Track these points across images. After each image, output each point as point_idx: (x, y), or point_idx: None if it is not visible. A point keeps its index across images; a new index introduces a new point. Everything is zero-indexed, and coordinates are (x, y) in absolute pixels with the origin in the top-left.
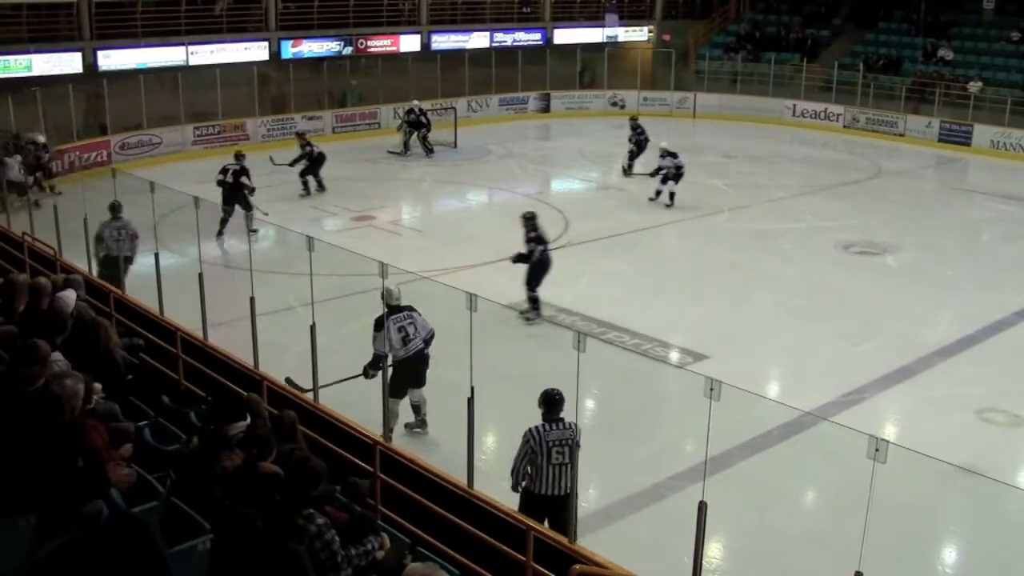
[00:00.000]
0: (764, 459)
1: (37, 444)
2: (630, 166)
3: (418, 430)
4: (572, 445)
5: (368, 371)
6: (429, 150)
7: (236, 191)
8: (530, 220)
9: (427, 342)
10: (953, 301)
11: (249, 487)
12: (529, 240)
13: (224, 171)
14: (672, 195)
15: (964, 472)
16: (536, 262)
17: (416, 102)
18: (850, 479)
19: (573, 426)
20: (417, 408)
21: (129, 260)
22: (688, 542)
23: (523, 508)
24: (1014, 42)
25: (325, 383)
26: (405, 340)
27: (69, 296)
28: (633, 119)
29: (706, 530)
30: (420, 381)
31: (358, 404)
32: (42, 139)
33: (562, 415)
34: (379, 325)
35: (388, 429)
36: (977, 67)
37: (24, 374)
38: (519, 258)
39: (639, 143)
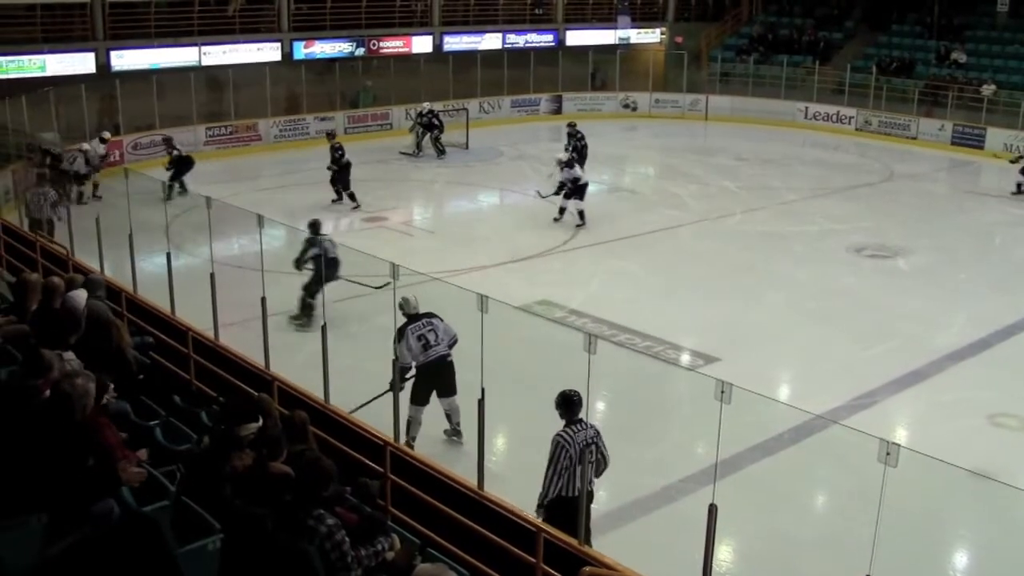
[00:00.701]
0: (775, 462)
1: (48, 443)
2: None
3: (455, 438)
4: (598, 444)
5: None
6: (441, 151)
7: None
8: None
9: (450, 346)
10: (965, 305)
11: (260, 487)
12: None
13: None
14: (580, 213)
15: (975, 476)
16: None
17: (428, 104)
18: (861, 483)
19: (593, 426)
20: (449, 417)
21: (51, 224)
22: (698, 545)
23: (551, 517)
24: None
25: (358, 405)
26: (425, 347)
27: (80, 295)
28: (571, 124)
29: (716, 533)
30: (448, 389)
31: (369, 407)
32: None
33: (581, 416)
34: (400, 336)
35: (411, 437)
36: (991, 70)
37: (28, 386)
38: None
39: (578, 149)
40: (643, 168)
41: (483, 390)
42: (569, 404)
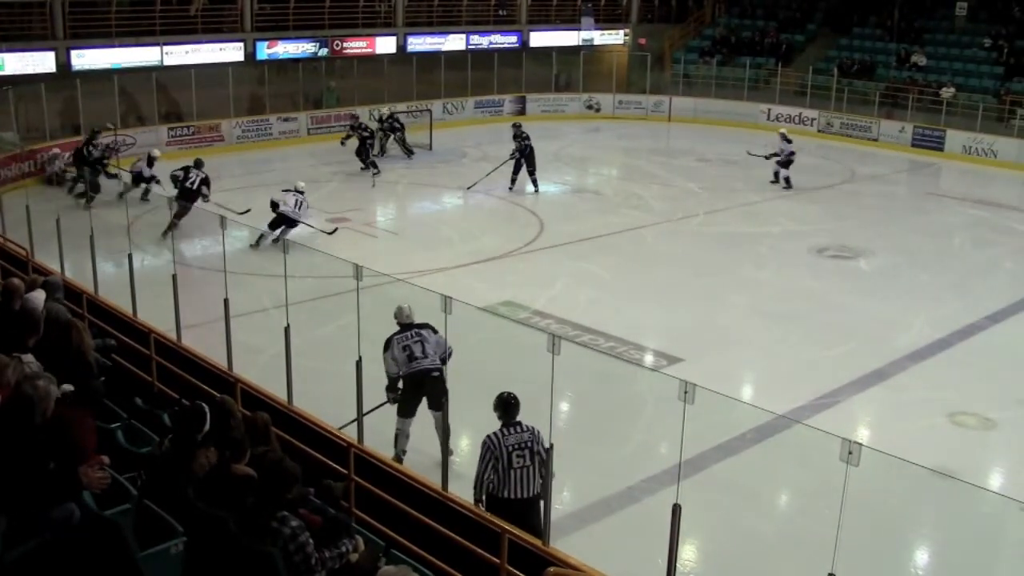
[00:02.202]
0: (738, 462)
1: (8, 446)
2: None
3: (452, 456)
4: (532, 448)
5: (389, 396)
6: (409, 152)
7: (193, 197)
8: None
9: (443, 360)
10: (925, 305)
11: (222, 489)
12: None
13: (186, 175)
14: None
15: (936, 475)
16: None
17: (387, 108)
18: (823, 482)
19: (532, 429)
20: (447, 435)
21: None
22: (662, 545)
23: (498, 516)
24: (986, 48)
25: (352, 420)
26: (410, 359)
27: (38, 296)
28: (516, 125)
29: (680, 533)
30: (434, 404)
31: (333, 407)
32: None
33: (519, 419)
34: (387, 346)
35: (399, 450)
36: (950, 73)
37: None
38: None
39: (523, 150)
40: (607, 169)
41: (447, 391)
42: (506, 407)
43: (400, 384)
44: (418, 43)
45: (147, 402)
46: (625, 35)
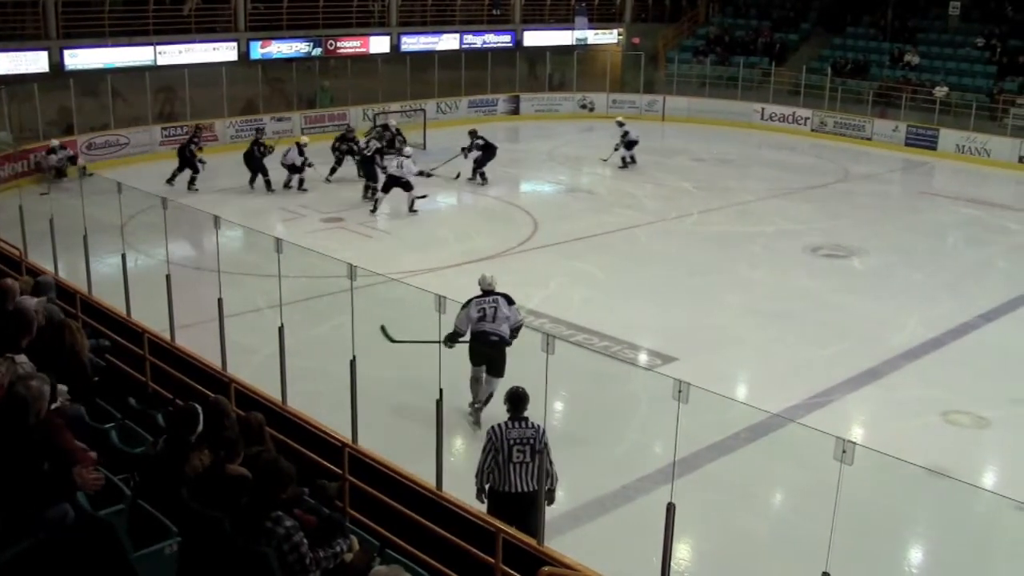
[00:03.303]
0: (732, 461)
1: (2, 446)
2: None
3: (471, 417)
4: (534, 445)
5: (446, 341)
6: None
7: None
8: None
9: (514, 330)
10: (919, 304)
11: (216, 489)
12: None
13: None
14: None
15: (930, 473)
16: None
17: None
18: (817, 481)
19: (537, 427)
20: (488, 396)
21: None
22: (657, 544)
23: (491, 508)
24: (979, 48)
25: (405, 340)
26: (480, 320)
27: (29, 298)
28: (472, 131)
29: (674, 532)
30: (495, 369)
31: (327, 407)
32: None
33: (527, 415)
34: (465, 304)
35: (475, 399)
36: (943, 72)
37: None
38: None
39: (479, 147)
40: (600, 169)
41: (441, 391)
42: (515, 400)
43: (467, 339)
44: (412, 43)
45: (141, 402)
46: (619, 34)
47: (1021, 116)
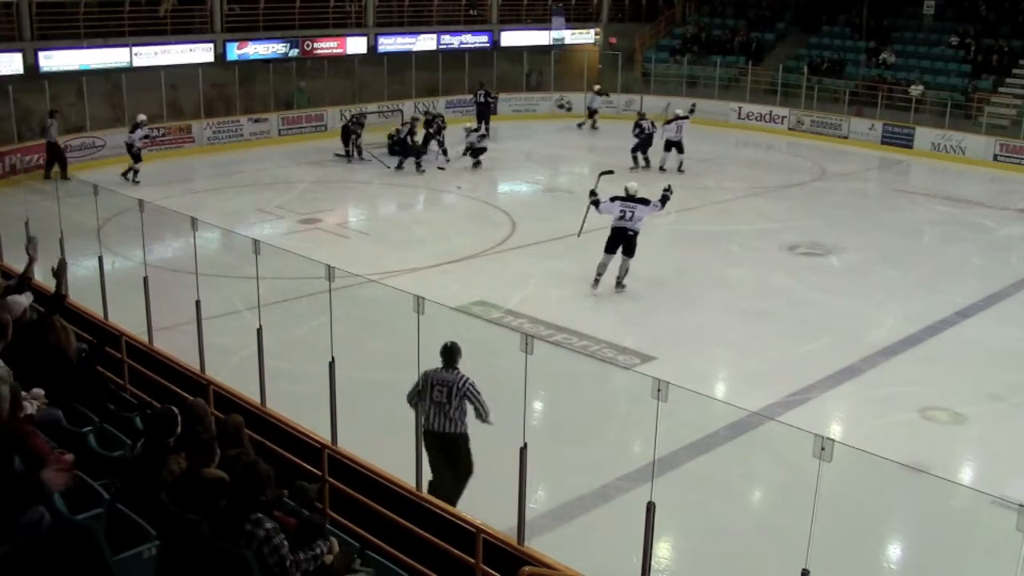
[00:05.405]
0: (711, 459)
1: None
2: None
3: (623, 285)
4: (452, 389)
5: (591, 199)
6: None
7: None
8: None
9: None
10: (896, 301)
11: (194, 493)
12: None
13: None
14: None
15: (908, 470)
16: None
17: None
18: (796, 478)
19: (466, 378)
20: (624, 271)
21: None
22: (637, 542)
23: (429, 447)
24: (953, 46)
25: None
26: (620, 218)
27: (17, 301)
28: (426, 112)
29: (654, 530)
30: (628, 252)
31: (306, 408)
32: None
33: (458, 367)
34: (612, 199)
35: (597, 274)
36: (918, 71)
37: None
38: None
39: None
40: (578, 168)
41: (419, 393)
42: (447, 353)
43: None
44: (389, 43)
45: (119, 405)
46: (596, 34)
47: (995, 114)
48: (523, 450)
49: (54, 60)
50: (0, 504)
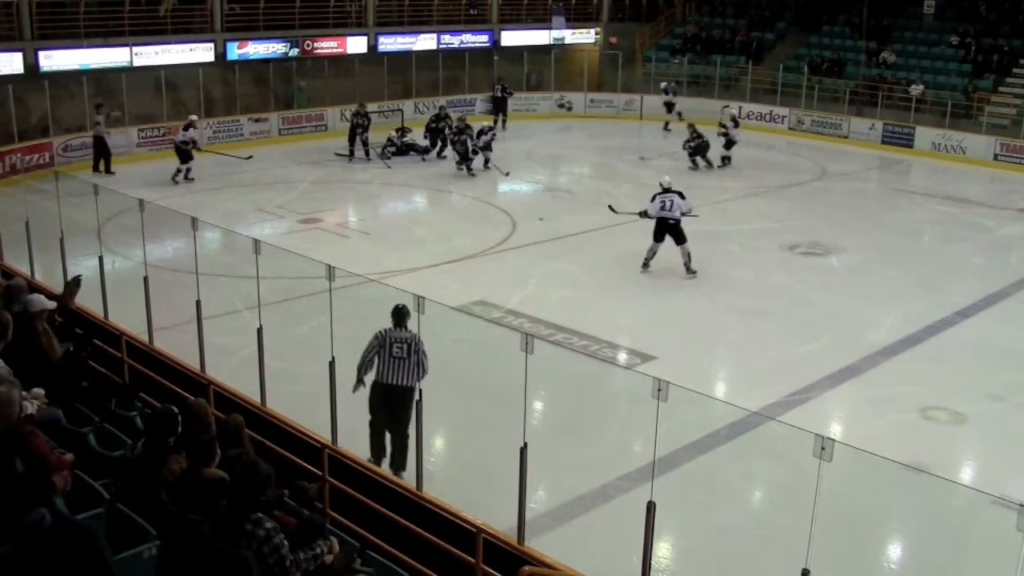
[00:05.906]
0: (712, 459)
1: None
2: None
3: (693, 271)
4: (411, 345)
5: (640, 214)
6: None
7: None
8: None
9: (685, 214)
10: (896, 301)
11: (195, 492)
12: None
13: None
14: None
15: (908, 469)
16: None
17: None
18: (797, 478)
19: (416, 335)
20: (687, 256)
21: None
22: (637, 542)
23: (371, 399)
24: (953, 46)
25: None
26: (661, 209)
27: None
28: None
29: (655, 530)
30: (678, 239)
31: (306, 408)
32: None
33: (408, 326)
34: (653, 198)
35: (646, 259)
36: (918, 70)
37: None
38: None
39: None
40: (578, 168)
41: (420, 391)
42: (398, 315)
43: (651, 219)
44: (389, 43)
45: (119, 405)
46: (596, 34)
47: (996, 114)
48: (523, 450)
49: (54, 60)
50: (3, 504)
